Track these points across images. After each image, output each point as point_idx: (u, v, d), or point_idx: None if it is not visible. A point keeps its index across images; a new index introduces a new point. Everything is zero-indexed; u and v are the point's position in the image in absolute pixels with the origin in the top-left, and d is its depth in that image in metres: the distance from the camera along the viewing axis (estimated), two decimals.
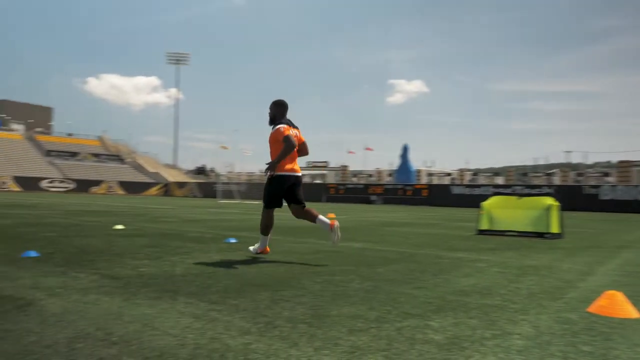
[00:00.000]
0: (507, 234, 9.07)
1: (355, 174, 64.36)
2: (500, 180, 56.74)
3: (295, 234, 8.62)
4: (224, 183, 48.73)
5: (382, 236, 8.60)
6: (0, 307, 2.80)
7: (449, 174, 61.08)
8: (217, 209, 20.25)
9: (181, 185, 65.71)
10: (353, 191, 46.94)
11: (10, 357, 2.02)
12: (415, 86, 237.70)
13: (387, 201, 43.39)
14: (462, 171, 59.53)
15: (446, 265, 5.04)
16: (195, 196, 58.40)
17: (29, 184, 57.84)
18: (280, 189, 5.26)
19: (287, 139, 5.09)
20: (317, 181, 60.05)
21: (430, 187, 43.44)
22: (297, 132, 5.41)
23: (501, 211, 9.34)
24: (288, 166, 5.25)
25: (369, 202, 43.84)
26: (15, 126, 77.83)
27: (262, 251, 5.43)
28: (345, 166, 64.11)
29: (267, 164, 5.22)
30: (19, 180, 57.77)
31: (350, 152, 73.30)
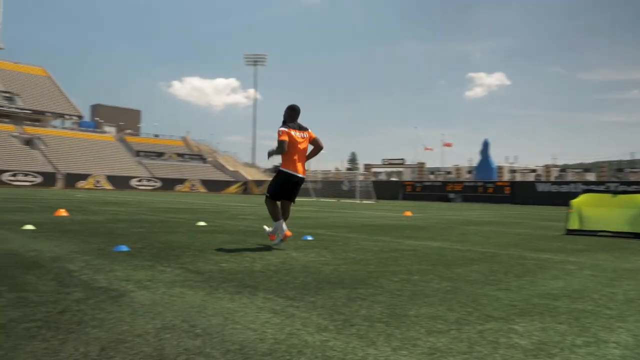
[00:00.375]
0: (599, 234, 8.48)
1: (433, 171, 63.04)
2: (591, 177, 53.07)
3: (369, 232, 8.57)
4: None
5: (461, 235, 8.34)
6: (96, 297, 3.01)
7: (533, 171, 58.16)
8: (294, 207, 20.60)
9: (259, 183, 67.58)
10: (430, 189, 46.01)
11: (105, 344, 2.15)
12: (496, 78, 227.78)
13: (466, 199, 42.13)
14: (548, 167, 56.44)
15: (531, 267, 4.79)
16: None
17: (120, 182, 62.00)
18: (284, 184, 5.87)
19: (280, 143, 5.72)
20: (393, 179, 59.40)
21: (513, 184, 41.65)
22: (306, 134, 5.96)
23: (593, 210, 8.75)
24: (294, 166, 5.85)
25: (447, 200, 42.76)
26: (107, 128, 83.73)
27: (284, 237, 5.78)
28: (422, 163, 62.90)
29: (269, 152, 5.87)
30: (111, 179, 62.08)
31: (427, 149, 71.90)
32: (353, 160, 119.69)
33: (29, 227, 7.23)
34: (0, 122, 68.72)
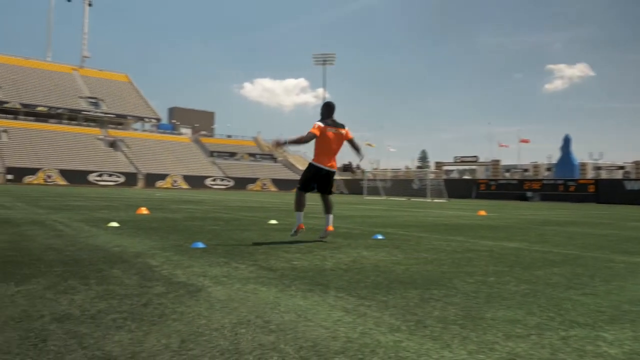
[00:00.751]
0: None
1: (508, 168, 60.62)
2: None
3: (441, 231, 8.37)
4: (369, 180, 49.28)
5: (540, 236, 7.95)
6: (176, 292, 3.14)
7: (621, 167, 54.45)
8: (364, 205, 20.55)
9: None
10: (506, 187, 44.32)
11: (185, 337, 2.24)
12: (579, 70, 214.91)
13: (545, 198, 40.18)
14: (638, 164, 52.61)
15: (621, 271, 4.48)
16: (341, 193, 59.99)
17: (195, 181, 64.67)
18: (312, 177, 6.10)
19: (309, 133, 5.92)
20: (466, 177, 57.72)
21: (598, 182, 39.20)
22: (342, 131, 6.12)
23: None
24: (324, 160, 6.05)
25: (524, 198, 40.99)
26: (183, 130, 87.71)
27: (298, 228, 6.14)
28: (497, 160, 60.70)
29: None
30: (187, 178, 64.88)
31: (502, 146, 69.06)
32: (424, 158, 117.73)
33: (114, 224, 7.70)
34: (87, 126, 73.84)
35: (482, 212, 15.84)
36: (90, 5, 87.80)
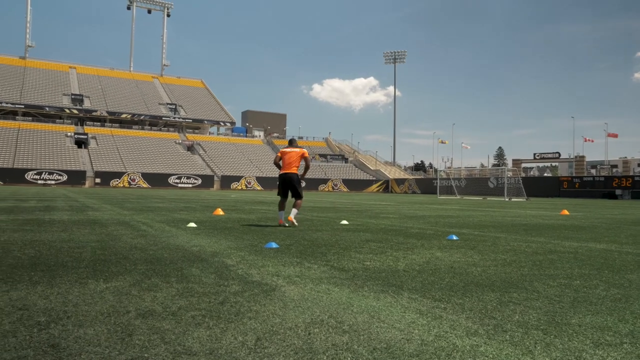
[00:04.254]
0: None
1: (594, 165, 57.02)
2: None
3: (521, 232, 8.01)
4: (443, 179, 48.18)
5: (632, 237, 7.40)
6: (251, 291, 3.22)
7: None
8: (437, 205, 20.11)
9: (400, 181, 67.21)
10: (591, 184, 41.74)
11: (260, 335, 2.29)
12: None
13: (636, 196, 37.42)
14: None
15: None
16: (414, 192, 59.09)
17: (268, 183, 66.16)
18: (280, 183, 8.49)
19: (277, 158, 8.77)
20: (547, 174, 54.94)
21: None
22: (297, 149, 8.58)
23: None
24: (283, 169, 8.52)
25: (612, 197, 38.40)
26: (256, 132, 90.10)
27: (279, 223, 8.27)
28: (582, 157, 57.23)
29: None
30: (260, 180, 66.56)
31: (587, 140, 64.84)
32: (500, 155, 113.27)
33: (192, 224, 8.03)
34: (167, 131, 77.71)
35: (565, 212, 15.00)
36: (168, 15, 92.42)
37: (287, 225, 8.22)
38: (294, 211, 8.26)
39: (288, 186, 8.40)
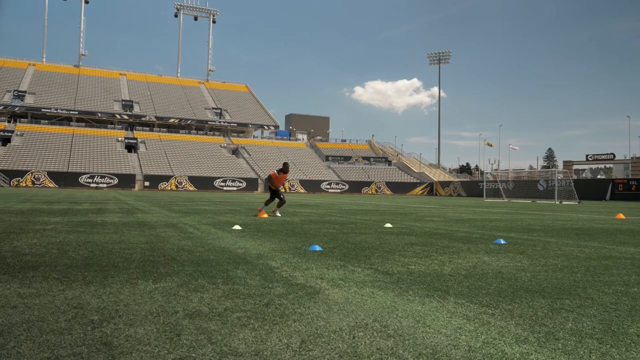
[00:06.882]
0: None
1: None
2: None
3: (572, 236, 7.71)
4: (489, 181, 47.05)
5: None
6: (295, 293, 3.23)
7: None
8: (484, 208, 19.64)
9: (445, 184, 66.06)
10: None
11: (304, 337, 2.29)
12: None
13: None
14: None
15: None
16: (459, 195, 57.97)
17: (311, 185, 66.43)
18: (271, 193, 12.18)
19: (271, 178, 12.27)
20: (600, 176, 52.75)
21: None
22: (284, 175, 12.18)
23: None
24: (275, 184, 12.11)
25: None
26: (299, 136, 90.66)
27: (259, 210, 11.99)
28: (638, 158, 54.65)
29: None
30: (304, 182, 66.86)
31: None
32: (550, 157, 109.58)
33: (237, 227, 8.15)
34: (212, 135, 79.38)
35: (621, 216, 14.35)
36: (214, 22, 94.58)
37: (274, 214, 11.66)
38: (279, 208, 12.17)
39: (277, 196, 12.28)
